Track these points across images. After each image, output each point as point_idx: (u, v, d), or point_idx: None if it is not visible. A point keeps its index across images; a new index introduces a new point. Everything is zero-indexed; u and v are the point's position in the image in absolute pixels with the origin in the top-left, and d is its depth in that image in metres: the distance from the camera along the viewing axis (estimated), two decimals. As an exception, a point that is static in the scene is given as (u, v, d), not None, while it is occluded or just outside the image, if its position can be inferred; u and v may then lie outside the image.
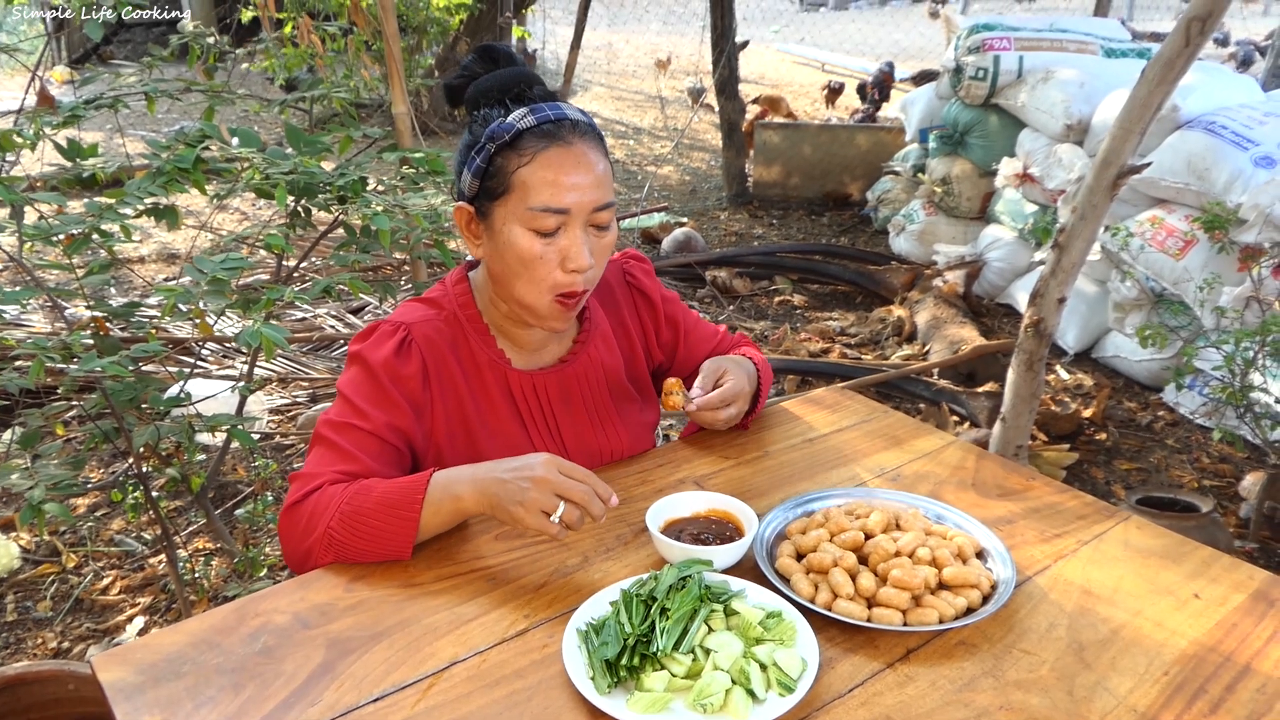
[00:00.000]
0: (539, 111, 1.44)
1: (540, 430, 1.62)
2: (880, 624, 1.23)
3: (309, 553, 1.38)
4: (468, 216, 1.52)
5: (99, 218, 2.05)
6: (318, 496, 1.40)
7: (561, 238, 1.46)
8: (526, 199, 1.43)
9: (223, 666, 1.17)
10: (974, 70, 5.38)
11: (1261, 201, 3.69)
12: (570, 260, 1.46)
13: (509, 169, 1.43)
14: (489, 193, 1.47)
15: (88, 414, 2.30)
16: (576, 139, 1.44)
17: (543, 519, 1.30)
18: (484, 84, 1.50)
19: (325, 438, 1.48)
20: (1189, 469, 3.72)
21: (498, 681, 1.16)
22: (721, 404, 1.64)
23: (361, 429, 1.47)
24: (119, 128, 4.34)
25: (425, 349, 1.54)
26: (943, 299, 4.92)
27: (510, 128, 1.43)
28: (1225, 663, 1.19)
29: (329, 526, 1.36)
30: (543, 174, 1.42)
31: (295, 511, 1.41)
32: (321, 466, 1.44)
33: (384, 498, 1.37)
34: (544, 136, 1.42)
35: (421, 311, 1.58)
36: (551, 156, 1.42)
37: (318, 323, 4.67)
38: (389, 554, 1.37)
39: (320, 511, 1.38)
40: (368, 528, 1.36)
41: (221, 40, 2.89)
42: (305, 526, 1.39)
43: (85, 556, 3.03)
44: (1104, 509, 1.56)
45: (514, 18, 7.71)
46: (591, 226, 1.48)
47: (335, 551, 1.37)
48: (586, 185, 1.43)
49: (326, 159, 2.48)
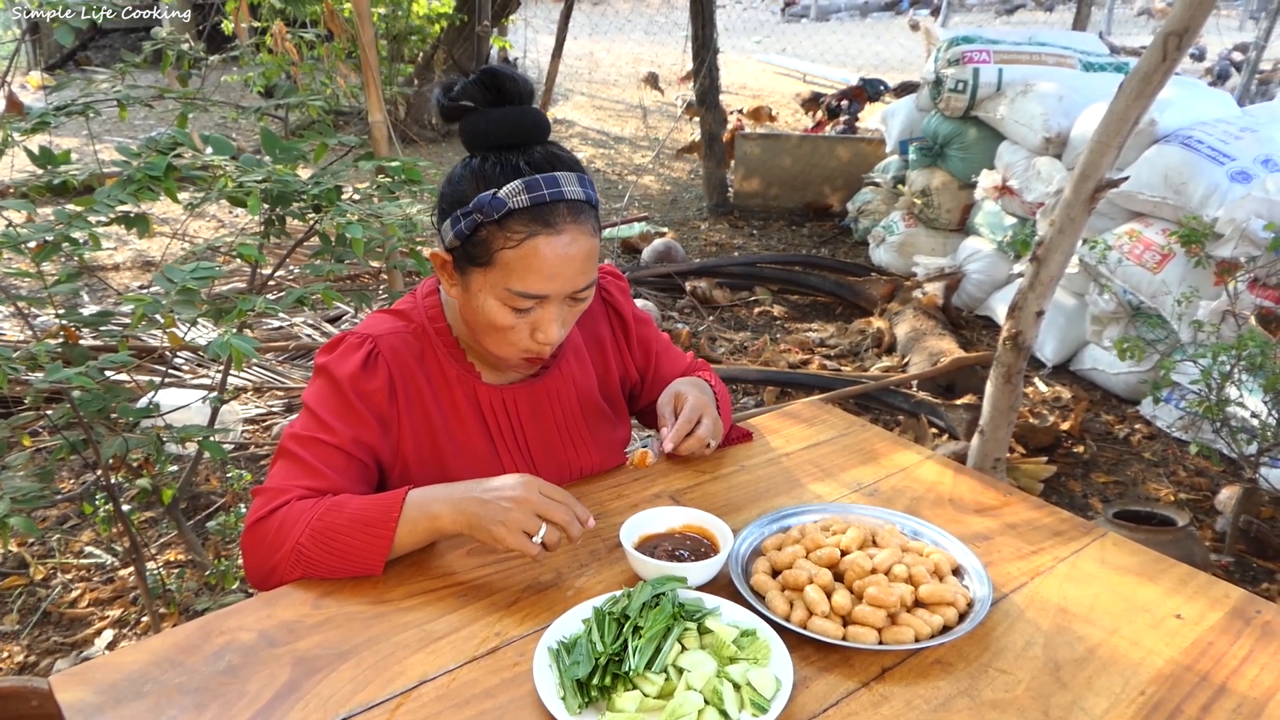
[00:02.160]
0: (534, 189, 1.36)
1: (509, 446, 1.60)
2: (855, 642, 1.21)
3: (274, 569, 1.36)
4: (443, 262, 1.48)
5: (68, 225, 2.02)
6: (285, 511, 1.37)
7: (535, 312, 1.44)
8: (506, 280, 1.39)
9: (185, 686, 1.15)
10: (953, 82, 5.40)
11: (1237, 216, 3.71)
12: (540, 333, 1.45)
13: (494, 245, 1.38)
14: (470, 257, 1.42)
15: (55, 425, 2.26)
16: (568, 223, 1.38)
17: (524, 539, 1.30)
18: (482, 125, 1.41)
19: (290, 451, 1.45)
20: (1166, 482, 3.73)
21: (467, 701, 1.14)
22: (690, 425, 1.60)
23: (327, 443, 1.45)
24: (93, 135, 4.30)
25: (392, 362, 1.51)
26: (922, 311, 4.93)
27: (501, 204, 1.36)
28: (1201, 682, 1.19)
29: (298, 542, 1.34)
30: (527, 261, 1.38)
31: (261, 527, 1.38)
32: (287, 481, 1.42)
33: (358, 514, 1.35)
34: (534, 220, 1.36)
35: (390, 323, 1.55)
36: (539, 245, 1.37)
37: (294, 331, 4.63)
38: (360, 570, 1.35)
39: (289, 527, 1.35)
40: (340, 544, 1.33)
41: (196, 47, 2.86)
42: (272, 542, 1.36)
43: (54, 569, 2.98)
44: (1081, 525, 1.55)
45: (493, 27, 7.69)
46: (569, 299, 1.46)
47: (303, 568, 1.34)
48: (570, 273, 1.41)
49: (302, 167, 2.46)
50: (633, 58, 15.33)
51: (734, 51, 15.56)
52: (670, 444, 1.56)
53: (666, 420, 1.61)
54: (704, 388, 1.73)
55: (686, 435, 1.60)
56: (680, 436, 1.58)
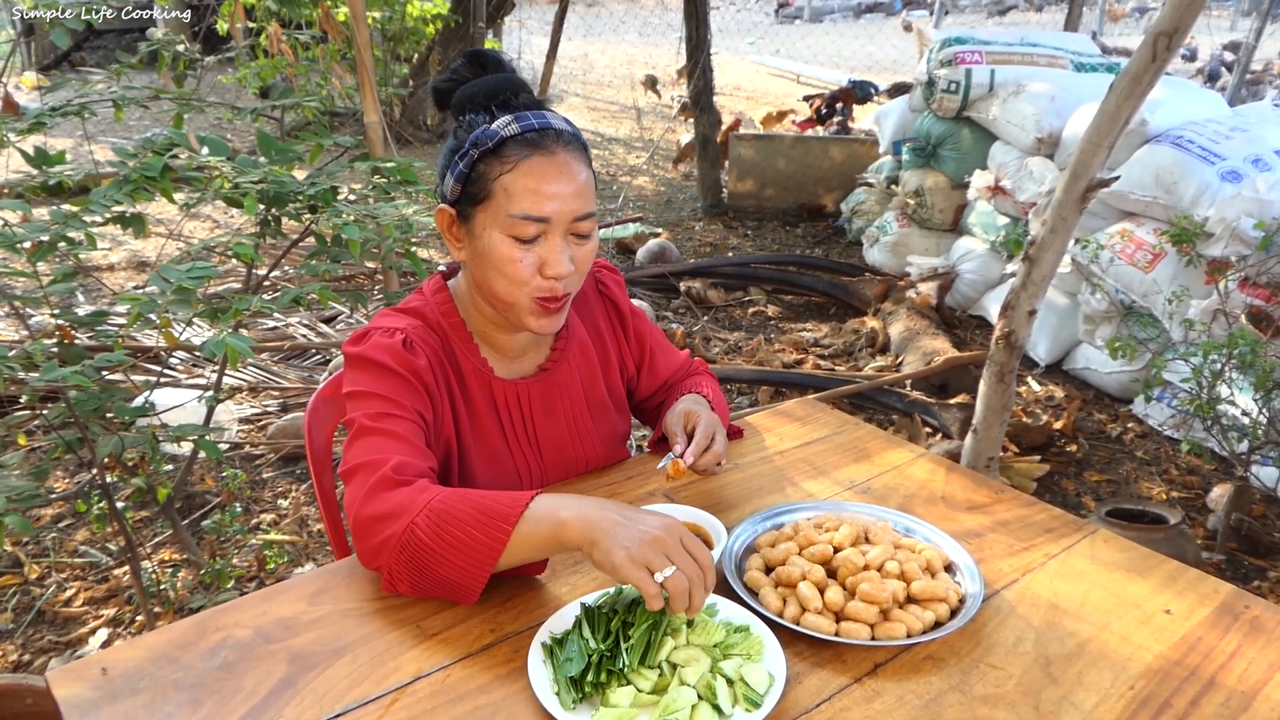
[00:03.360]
0: (523, 119, 1.44)
1: (520, 440, 1.62)
2: (848, 638, 1.22)
3: (383, 545, 1.27)
4: (449, 219, 1.51)
5: (64, 225, 2.02)
6: (409, 490, 1.29)
7: (540, 245, 1.45)
8: (507, 206, 1.42)
9: (181, 682, 1.15)
10: (946, 83, 5.42)
11: (1228, 215, 3.73)
12: (549, 267, 1.45)
13: (491, 175, 1.43)
14: (470, 198, 1.46)
15: (51, 424, 2.26)
16: (560, 148, 1.44)
17: (644, 573, 1.16)
18: (471, 89, 1.50)
19: (370, 428, 1.39)
20: (1158, 480, 3.75)
21: (462, 697, 1.14)
22: (707, 440, 1.58)
23: (402, 417, 1.42)
24: (88, 135, 4.30)
25: (426, 350, 1.53)
26: (916, 310, 4.94)
27: (494, 134, 1.42)
28: (1190, 677, 1.20)
29: (413, 521, 1.25)
30: (524, 182, 1.41)
31: (381, 496, 1.30)
32: (382, 453, 1.35)
33: (480, 503, 1.25)
34: (527, 145, 1.42)
35: (406, 320, 1.56)
36: (534, 165, 1.42)
37: (289, 332, 4.63)
38: (468, 570, 1.24)
39: (406, 504, 1.27)
40: (453, 532, 1.23)
41: (191, 48, 2.86)
42: (390, 512, 1.28)
43: (48, 567, 2.98)
44: (1072, 522, 1.56)
45: (487, 28, 7.70)
46: (572, 235, 1.47)
47: (409, 555, 1.25)
48: (568, 195, 1.43)
49: (298, 167, 2.46)
50: (627, 59, 15.34)
51: (728, 53, 15.58)
52: (692, 457, 1.54)
53: (679, 438, 1.59)
54: (706, 405, 1.72)
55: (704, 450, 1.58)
56: (700, 451, 1.56)
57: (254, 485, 3.46)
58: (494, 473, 1.59)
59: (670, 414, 1.67)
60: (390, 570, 1.27)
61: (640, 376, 1.84)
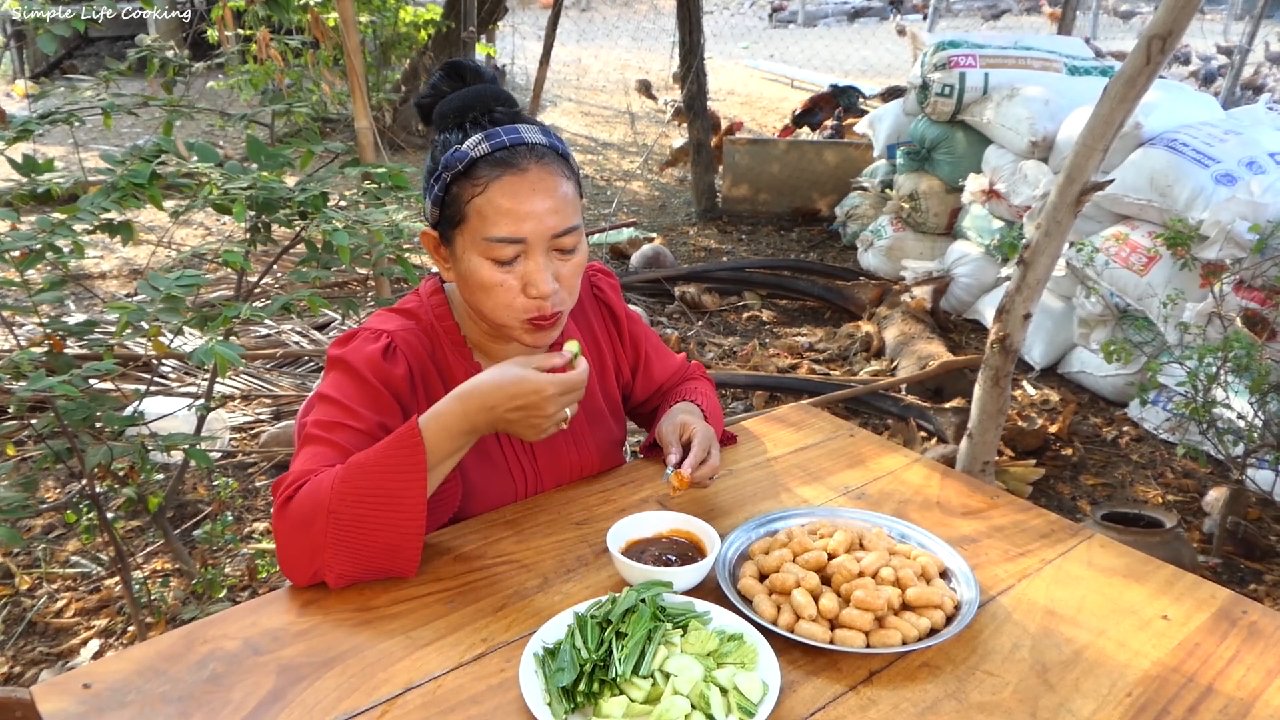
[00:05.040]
0: (493, 137, 1.40)
1: (515, 445, 1.60)
2: (843, 646, 1.21)
3: (315, 550, 1.29)
4: (434, 242, 1.50)
5: (52, 233, 2.01)
6: (309, 485, 1.32)
7: (521, 265, 1.42)
8: (482, 229, 1.40)
9: (169, 695, 1.14)
10: (940, 87, 5.42)
11: (1222, 218, 3.72)
12: (532, 287, 1.42)
13: (464, 198, 1.40)
14: (448, 221, 1.44)
15: (40, 434, 2.25)
16: (533, 164, 1.40)
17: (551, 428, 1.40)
18: (447, 105, 1.47)
19: (316, 437, 1.41)
20: (1154, 484, 3.74)
21: (453, 708, 1.13)
22: (704, 453, 1.56)
23: (354, 428, 1.42)
24: (79, 143, 4.28)
25: (409, 356, 1.51)
26: (911, 314, 4.94)
27: (464, 156, 1.40)
28: (1188, 684, 1.19)
29: (330, 509, 1.28)
30: (497, 204, 1.38)
31: (288, 510, 1.32)
32: (314, 464, 1.37)
33: (379, 448, 1.32)
34: (497, 164, 1.39)
35: (399, 321, 1.55)
36: (505, 185, 1.39)
37: (282, 339, 4.61)
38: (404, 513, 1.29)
39: (315, 499, 1.30)
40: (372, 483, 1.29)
41: (181, 54, 2.85)
42: (302, 520, 1.30)
43: (39, 578, 2.96)
44: (1068, 527, 1.55)
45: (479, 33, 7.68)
46: (555, 251, 1.44)
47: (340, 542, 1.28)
48: (543, 212, 1.40)
49: (289, 174, 2.45)
50: (620, 64, 15.34)
51: (722, 57, 15.59)
52: (689, 468, 1.53)
53: (673, 448, 1.57)
54: (700, 415, 1.71)
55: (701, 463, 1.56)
56: (697, 463, 1.55)
57: (246, 494, 3.44)
58: (487, 476, 1.58)
59: (664, 423, 1.65)
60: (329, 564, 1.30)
61: (635, 380, 1.83)
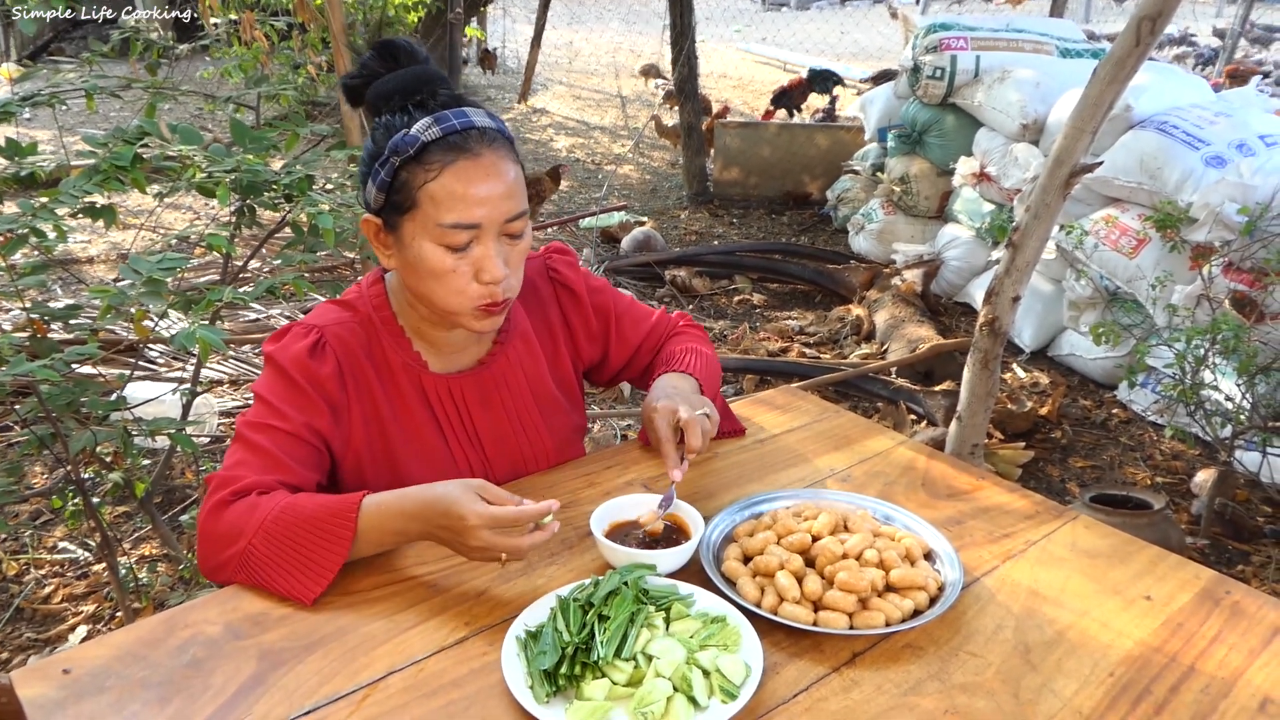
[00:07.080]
0: (444, 121, 1.37)
1: (459, 436, 1.58)
2: (826, 628, 1.21)
3: (223, 565, 1.33)
4: (375, 228, 1.47)
5: (33, 217, 1.99)
6: (241, 505, 1.34)
7: (474, 250, 1.41)
8: (436, 215, 1.37)
9: (148, 680, 1.14)
10: (931, 70, 5.40)
11: (1212, 201, 3.72)
12: (484, 273, 1.41)
13: (415, 184, 1.37)
14: (396, 207, 1.41)
15: (23, 419, 2.24)
16: (485, 148, 1.38)
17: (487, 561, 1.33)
18: (384, 86, 1.43)
19: (245, 438, 1.43)
20: (1142, 466, 3.75)
21: (435, 691, 1.13)
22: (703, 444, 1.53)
23: (281, 430, 1.42)
24: (63, 125, 4.25)
25: (339, 351, 1.49)
26: (901, 298, 4.93)
27: (414, 140, 1.36)
28: (1170, 663, 1.19)
29: (250, 544, 1.30)
30: (451, 189, 1.36)
31: (216, 518, 1.34)
32: (242, 469, 1.39)
33: (315, 509, 1.31)
34: (450, 149, 1.36)
35: (335, 314, 1.53)
36: (459, 170, 1.36)
37: (270, 324, 4.59)
38: (304, 584, 1.29)
39: (241, 525, 1.32)
40: (294, 536, 1.30)
41: (165, 36, 2.82)
42: (224, 536, 1.33)
43: (27, 564, 2.96)
44: (1052, 509, 1.55)
45: (467, 16, 7.63)
46: (504, 236, 1.43)
47: (248, 572, 1.31)
48: (497, 197, 1.39)
49: (275, 157, 2.43)
50: (612, 47, 15.28)
51: (714, 40, 15.55)
52: (679, 474, 1.50)
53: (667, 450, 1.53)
54: (694, 389, 1.67)
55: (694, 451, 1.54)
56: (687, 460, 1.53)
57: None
58: (431, 470, 1.54)
59: (654, 411, 1.58)
60: (233, 578, 1.33)
61: (610, 349, 1.79)
